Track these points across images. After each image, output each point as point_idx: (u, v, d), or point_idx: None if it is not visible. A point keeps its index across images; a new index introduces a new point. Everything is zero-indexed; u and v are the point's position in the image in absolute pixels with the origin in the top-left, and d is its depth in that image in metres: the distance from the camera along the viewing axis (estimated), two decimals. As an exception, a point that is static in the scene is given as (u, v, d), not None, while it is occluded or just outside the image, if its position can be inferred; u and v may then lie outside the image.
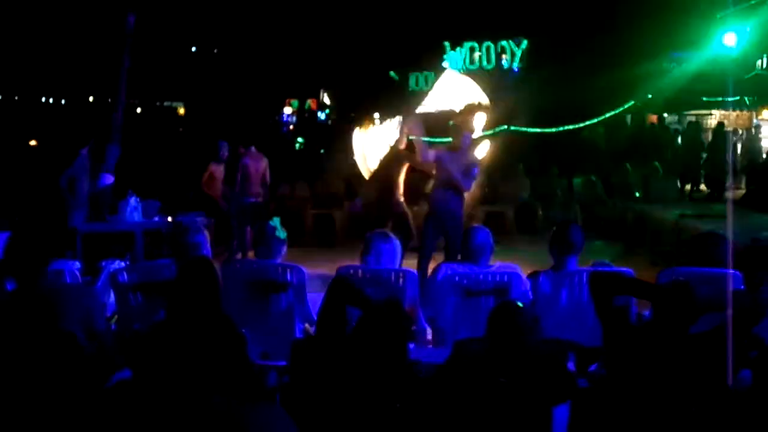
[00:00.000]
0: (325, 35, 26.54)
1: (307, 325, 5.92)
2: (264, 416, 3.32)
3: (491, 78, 21.25)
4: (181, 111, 36.29)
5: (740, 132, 22.63)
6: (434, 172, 9.96)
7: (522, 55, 23.28)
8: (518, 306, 4.69)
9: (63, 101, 34.58)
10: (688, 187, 19.62)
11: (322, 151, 21.83)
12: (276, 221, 6.23)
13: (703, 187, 20.34)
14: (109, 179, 11.16)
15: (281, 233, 6.21)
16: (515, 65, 23.35)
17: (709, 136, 20.83)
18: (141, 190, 11.21)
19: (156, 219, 10.79)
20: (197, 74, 31.07)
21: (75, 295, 4.76)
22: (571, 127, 19.69)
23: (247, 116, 25.62)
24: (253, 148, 12.43)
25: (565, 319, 5.85)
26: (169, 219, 10.72)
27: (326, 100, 35.63)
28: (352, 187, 15.82)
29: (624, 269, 6.06)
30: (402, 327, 3.99)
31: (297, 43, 27.97)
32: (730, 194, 17.41)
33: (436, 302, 6.04)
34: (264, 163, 12.43)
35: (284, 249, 6.21)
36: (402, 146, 10.77)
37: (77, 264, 6.73)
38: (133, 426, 3.49)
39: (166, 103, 36.54)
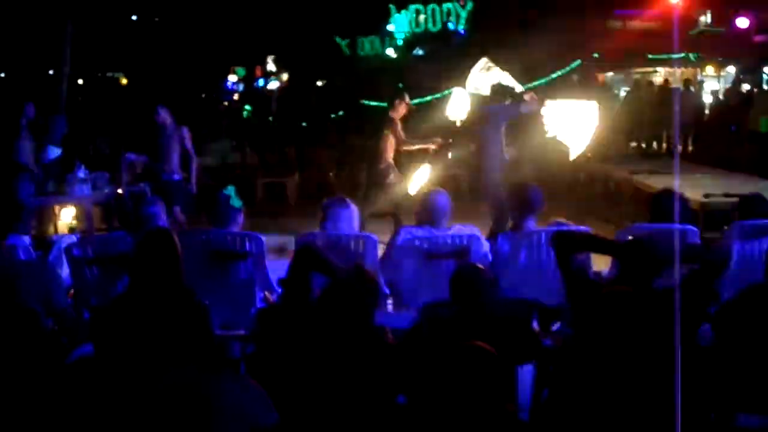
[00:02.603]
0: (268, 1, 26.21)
1: (266, 293, 5.87)
2: (232, 385, 3.29)
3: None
4: (124, 81, 35.68)
5: (690, 89, 22.71)
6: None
7: (467, 16, 23.18)
8: (479, 268, 4.69)
9: (2, 74, 33.84)
10: (634, 144, 19.73)
11: (270, 119, 21.61)
12: (231, 189, 6.14)
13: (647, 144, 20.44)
14: (56, 152, 10.96)
15: (236, 202, 6.12)
16: (460, 27, 23.25)
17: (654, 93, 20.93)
18: (88, 163, 10.97)
19: (106, 191, 10.58)
20: (138, 43, 30.51)
21: (32, 272, 4.67)
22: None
23: (190, 85, 25.24)
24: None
25: (525, 280, 5.87)
26: (119, 191, 10.53)
27: (271, 67, 35.20)
28: (304, 155, 15.68)
29: (582, 227, 6.09)
30: (370, 293, 3.96)
31: (240, 9, 27.57)
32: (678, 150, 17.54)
33: (396, 266, 6.02)
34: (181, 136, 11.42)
35: (241, 218, 6.12)
36: None
37: (27, 239, 6.58)
38: (98, 400, 3.43)
39: (108, 74, 35.91)
